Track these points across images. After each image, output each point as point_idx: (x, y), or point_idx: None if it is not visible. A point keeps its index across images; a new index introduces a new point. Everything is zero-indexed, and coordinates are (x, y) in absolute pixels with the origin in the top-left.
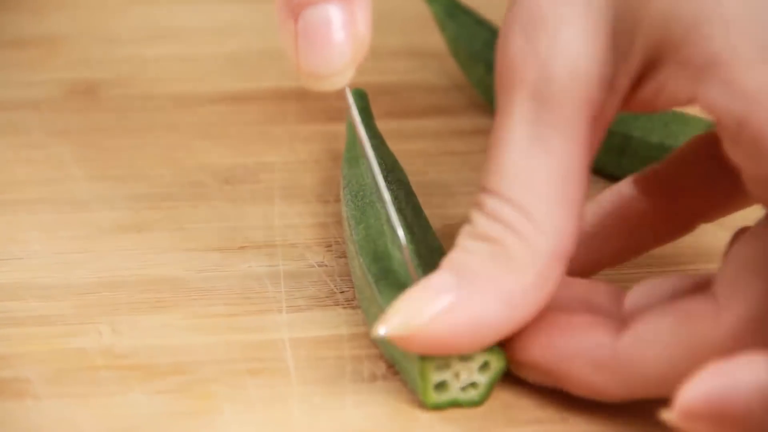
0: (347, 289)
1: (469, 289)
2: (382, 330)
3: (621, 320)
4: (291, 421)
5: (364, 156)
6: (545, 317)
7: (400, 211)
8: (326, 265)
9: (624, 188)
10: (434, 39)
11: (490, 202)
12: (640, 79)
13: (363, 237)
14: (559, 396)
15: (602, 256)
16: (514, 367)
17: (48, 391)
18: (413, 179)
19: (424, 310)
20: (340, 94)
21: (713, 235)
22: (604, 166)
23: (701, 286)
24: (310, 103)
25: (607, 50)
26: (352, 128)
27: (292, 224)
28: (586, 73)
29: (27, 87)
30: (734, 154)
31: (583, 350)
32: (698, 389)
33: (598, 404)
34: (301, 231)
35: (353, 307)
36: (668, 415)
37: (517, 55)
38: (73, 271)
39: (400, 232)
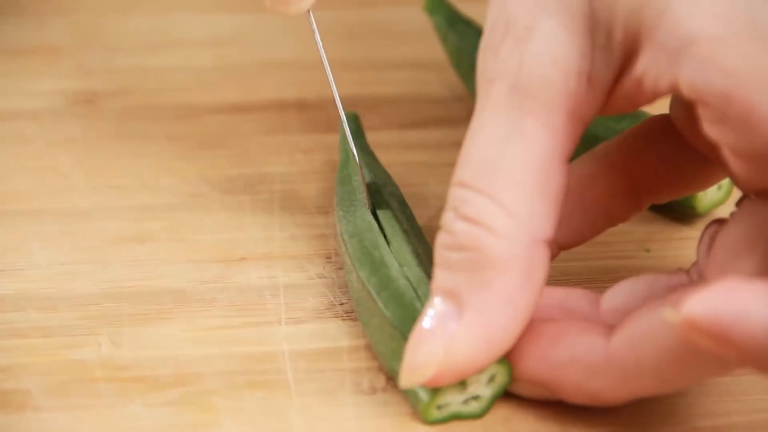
0: (347, 301)
1: (468, 310)
2: (405, 383)
3: (602, 323)
4: None
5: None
6: (532, 329)
7: (395, 219)
8: (326, 277)
9: (578, 167)
10: (435, 50)
11: (464, 196)
12: (621, 72)
13: (358, 250)
14: (558, 408)
15: (561, 237)
16: (510, 385)
17: (49, 402)
18: (414, 190)
19: (436, 346)
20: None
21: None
22: None
23: (680, 283)
24: (310, 114)
25: (585, 44)
26: (344, 146)
27: (292, 235)
28: (563, 66)
29: (28, 97)
30: (718, 132)
31: (576, 357)
32: (707, 305)
33: (597, 416)
34: (301, 242)
35: (353, 319)
36: (672, 315)
37: (498, 50)
38: (75, 282)
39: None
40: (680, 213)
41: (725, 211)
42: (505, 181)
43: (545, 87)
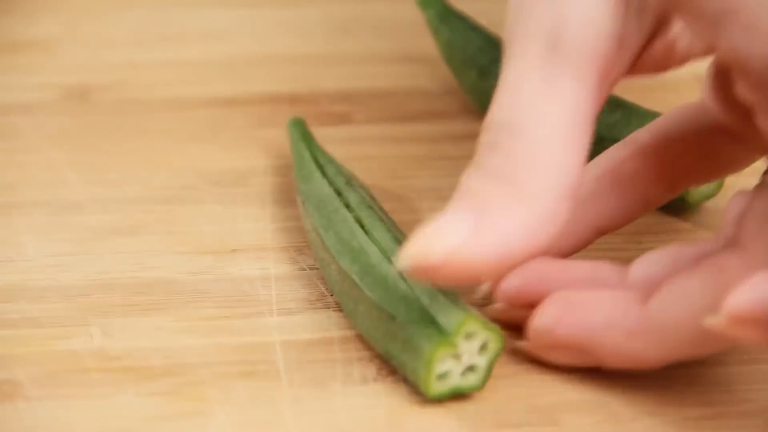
0: None
1: (487, 215)
2: (406, 260)
3: (634, 292)
4: (281, 423)
5: None
6: (568, 298)
7: (370, 209)
8: (317, 268)
9: (615, 152)
10: (427, 44)
11: (499, 137)
12: (652, 36)
13: (335, 242)
14: (549, 399)
15: (598, 220)
16: (543, 352)
17: (39, 393)
18: (405, 183)
19: (446, 238)
20: None
21: None
22: None
23: (706, 252)
24: (301, 108)
25: (618, 7)
26: (296, 148)
27: (283, 227)
28: (598, 27)
29: (21, 91)
30: (758, 97)
31: (613, 321)
32: (748, 295)
33: (588, 408)
34: (293, 234)
35: (344, 310)
36: (713, 320)
37: (532, 9)
38: (66, 274)
39: None
40: (671, 205)
41: (715, 204)
42: (540, 132)
43: (580, 47)
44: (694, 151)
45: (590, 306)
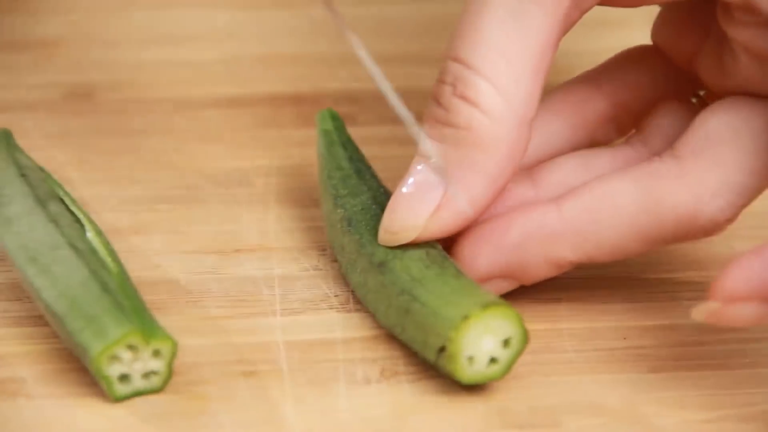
0: (341, 292)
1: (454, 181)
2: (387, 240)
3: (546, 198)
4: (284, 423)
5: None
6: (481, 227)
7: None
8: (321, 269)
9: (570, 89)
10: (431, 45)
11: (462, 74)
12: None
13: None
14: (552, 401)
15: (541, 152)
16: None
17: (42, 391)
18: None
19: (420, 213)
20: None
21: (706, 243)
22: None
23: (626, 157)
24: (305, 108)
25: None
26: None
27: (287, 228)
28: None
29: (25, 90)
30: (751, 35)
31: (531, 231)
32: (740, 273)
33: (590, 410)
34: (296, 234)
35: (347, 311)
36: (700, 310)
37: None
38: None
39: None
40: None
41: None
42: (504, 65)
43: None
44: (648, 93)
45: (504, 227)
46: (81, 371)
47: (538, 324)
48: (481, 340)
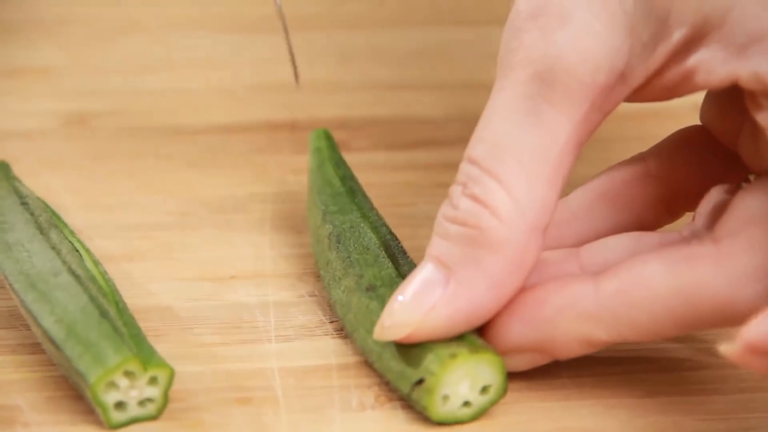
0: (336, 319)
1: (455, 280)
2: (380, 334)
3: (585, 274)
4: None
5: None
6: (515, 298)
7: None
8: (316, 295)
9: (615, 172)
10: (427, 72)
11: (474, 174)
12: (664, 66)
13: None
14: (549, 426)
15: (588, 239)
16: (505, 361)
17: (38, 418)
18: (403, 210)
19: (417, 310)
20: None
21: None
22: None
23: (671, 241)
24: (300, 135)
25: (621, 40)
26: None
27: (282, 254)
28: (596, 62)
29: (20, 117)
30: None
31: (564, 306)
32: (765, 325)
33: (598, 419)
34: (292, 261)
35: (342, 337)
36: (727, 349)
37: (526, 36)
38: None
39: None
40: None
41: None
42: (517, 168)
43: (570, 79)
44: (701, 174)
45: (539, 300)
46: (77, 399)
47: None
48: (461, 381)
